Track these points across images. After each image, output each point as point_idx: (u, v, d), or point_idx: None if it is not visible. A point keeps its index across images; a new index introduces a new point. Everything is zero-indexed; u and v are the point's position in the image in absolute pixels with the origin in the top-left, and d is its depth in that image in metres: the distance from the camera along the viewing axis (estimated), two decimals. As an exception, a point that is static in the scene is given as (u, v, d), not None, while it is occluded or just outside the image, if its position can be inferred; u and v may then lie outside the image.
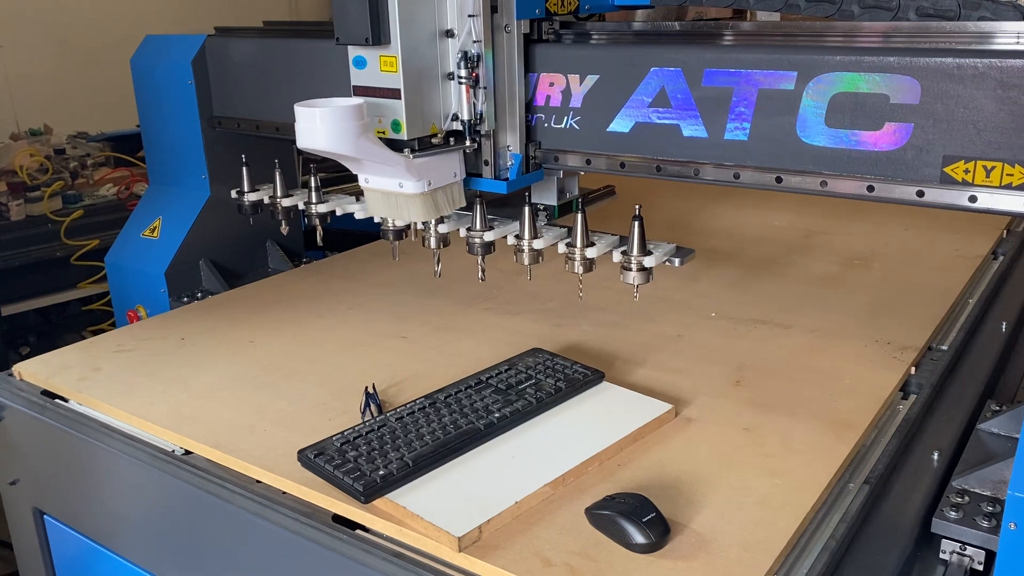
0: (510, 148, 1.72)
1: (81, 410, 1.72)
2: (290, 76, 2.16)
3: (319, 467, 1.38)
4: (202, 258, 2.45)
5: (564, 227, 1.75)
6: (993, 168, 1.39)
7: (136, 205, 2.60)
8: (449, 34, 1.62)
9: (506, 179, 1.73)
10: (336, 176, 3.60)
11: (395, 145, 1.60)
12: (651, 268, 1.66)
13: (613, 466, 1.42)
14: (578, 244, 1.68)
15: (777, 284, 2.20)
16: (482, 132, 1.68)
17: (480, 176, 1.74)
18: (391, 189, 1.66)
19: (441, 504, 1.29)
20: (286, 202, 2.12)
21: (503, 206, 1.86)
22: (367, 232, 2.50)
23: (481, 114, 1.66)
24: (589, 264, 1.70)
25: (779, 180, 1.58)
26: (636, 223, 1.64)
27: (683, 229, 2.67)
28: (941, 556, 1.38)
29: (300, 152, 2.87)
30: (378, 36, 1.54)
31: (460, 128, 1.67)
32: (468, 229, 1.78)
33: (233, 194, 2.20)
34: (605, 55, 1.70)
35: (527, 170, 1.76)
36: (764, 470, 1.40)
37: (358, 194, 2.09)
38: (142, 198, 2.61)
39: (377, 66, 1.59)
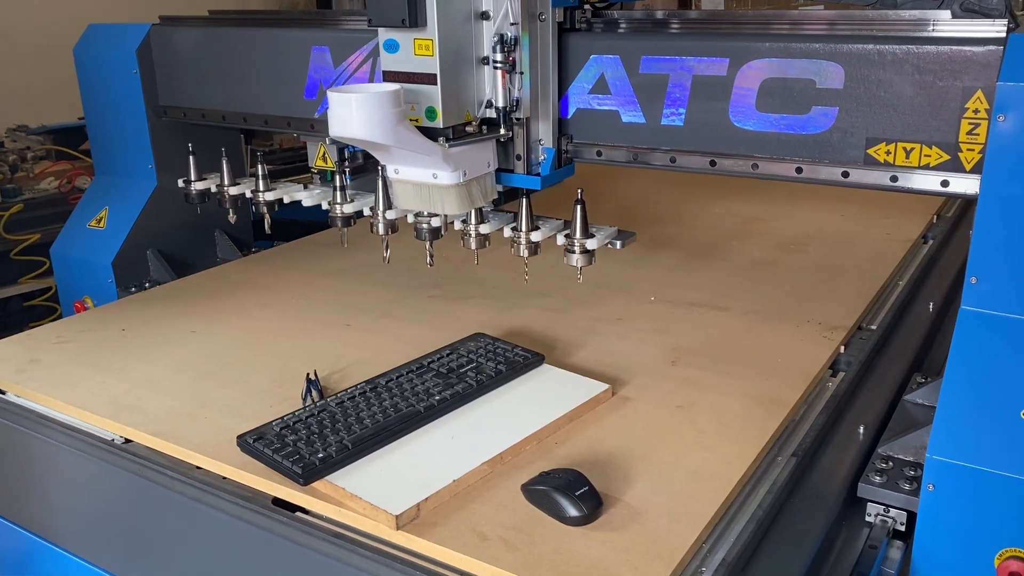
0: (542, 142, 1.68)
1: (19, 402, 1.70)
2: (237, 65, 2.16)
3: (258, 451, 1.38)
4: (150, 248, 2.43)
5: (510, 212, 1.77)
6: (912, 149, 1.45)
7: (80, 197, 2.57)
8: (484, 16, 1.55)
9: (538, 174, 1.68)
10: (284, 168, 3.59)
11: (429, 133, 1.53)
12: (594, 251, 1.69)
13: (550, 444, 1.45)
14: (523, 228, 1.71)
15: (715, 269, 2.25)
16: (516, 120, 1.62)
17: (512, 171, 1.69)
18: (424, 180, 1.59)
19: (380, 484, 1.31)
20: (233, 190, 2.11)
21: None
22: (316, 221, 2.50)
23: (517, 101, 1.60)
24: (534, 248, 1.72)
25: (713, 164, 1.62)
26: (578, 207, 1.67)
27: (627, 216, 2.71)
28: (867, 519, 1.44)
29: (248, 141, 2.86)
30: (415, 18, 1.47)
31: (494, 116, 1.60)
32: (416, 215, 1.79)
33: (180, 183, 2.18)
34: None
35: (559, 164, 1.72)
36: (696, 445, 1.44)
37: (306, 182, 2.10)
38: (88, 188, 2.58)
39: (411, 50, 1.51)
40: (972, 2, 1.52)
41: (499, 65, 1.56)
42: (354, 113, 1.40)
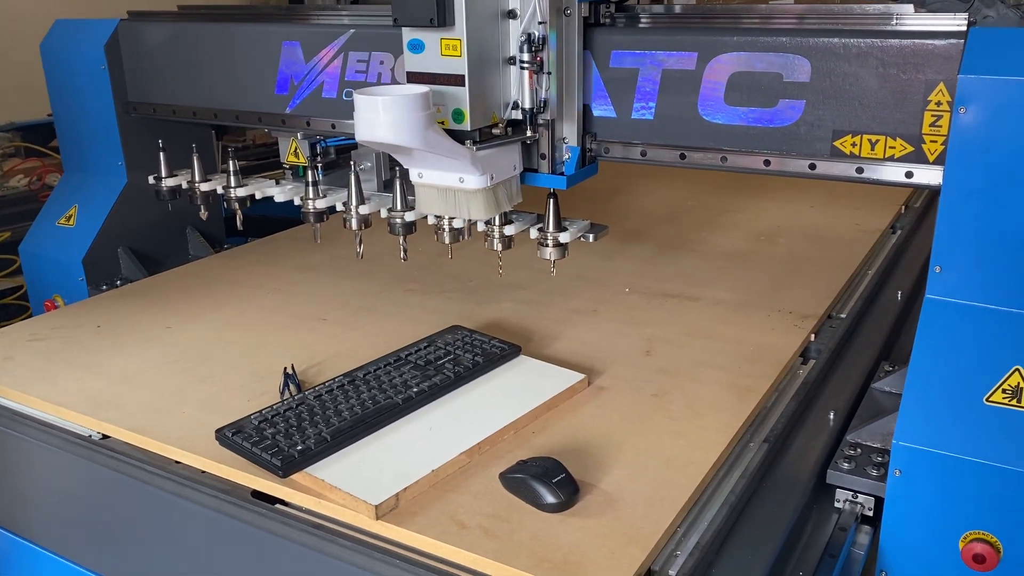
0: (566, 140, 1.65)
1: (-7, 400, 1.69)
2: (207, 60, 2.15)
3: (237, 445, 1.39)
4: (121, 246, 2.41)
5: None
6: (877, 141, 1.48)
7: (50, 195, 2.55)
8: (511, 15, 1.52)
9: (562, 173, 1.65)
10: (258, 164, 3.57)
11: (455, 136, 1.49)
12: (567, 244, 1.70)
13: (528, 434, 1.47)
14: (496, 222, 1.71)
15: (688, 260, 2.28)
16: (542, 122, 1.59)
17: (536, 171, 1.66)
18: (450, 185, 1.55)
19: (359, 475, 1.32)
20: (204, 187, 2.10)
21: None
22: (288, 218, 2.50)
23: (544, 102, 1.57)
24: (507, 241, 1.73)
25: (683, 157, 1.65)
26: (551, 200, 1.68)
27: (600, 210, 2.73)
28: (836, 505, 1.47)
29: (219, 137, 2.84)
30: (443, 17, 1.42)
31: (520, 117, 1.57)
32: (389, 210, 1.79)
33: (151, 180, 2.17)
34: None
35: (583, 163, 1.68)
36: (670, 432, 1.47)
37: (278, 178, 2.10)
38: (57, 186, 2.55)
39: (437, 50, 1.47)
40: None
41: (526, 65, 1.53)
42: (381, 116, 1.36)
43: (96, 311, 2.03)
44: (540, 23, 1.52)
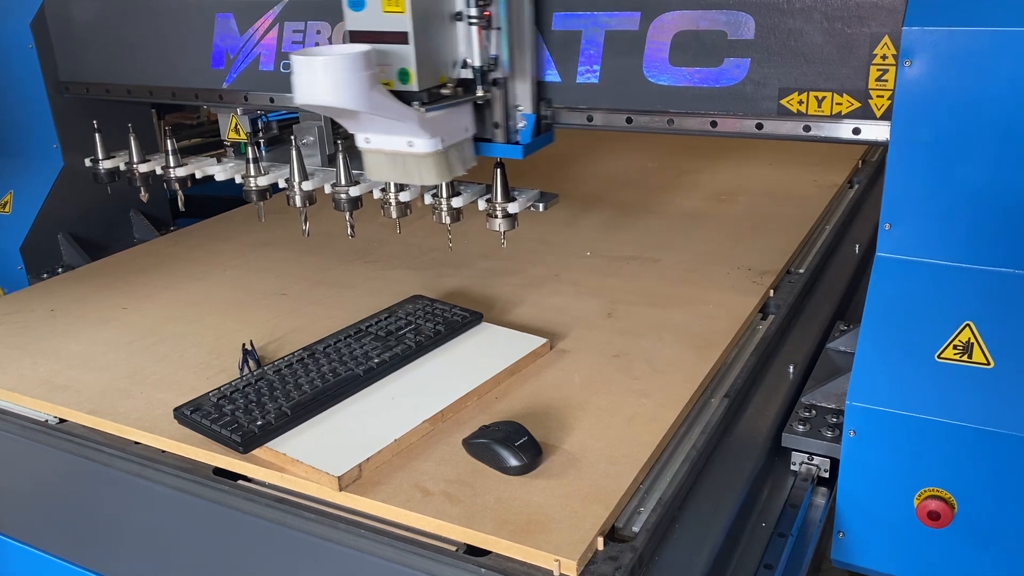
0: (520, 108, 1.60)
1: (-55, 389, 1.66)
2: (139, 35, 2.08)
3: (196, 423, 1.38)
4: (61, 232, 2.35)
5: None
6: (824, 98, 1.48)
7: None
8: None
9: (518, 142, 1.60)
10: (213, 140, 3.50)
11: (402, 98, 1.43)
12: (516, 214, 1.69)
13: (491, 399, 1.48)
14: (444, 195, 1.69)
15: (648, 222, 2.29)
16: (493, 79, 1.53)
17: (491, 141, 1.61)
18: (398, 149, 1.49)
19: (321, 448, 1.32)
20: (143, 168, 2.04)
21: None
22: (237, 197, 2.45)
23: (495, 59, 1.51)
24: (456, 214, 1.71)
25: (629, 120, 1.63)
26: (498, 170, 1.65)
27: (559, 177, 2.73)
28: (792, 468, 1.49)
29: (161, 116, 2.77)
30: None
31: (470, 76, 1.51)
32: (333, 185, 1.76)
33: (88, 162, 2.10)
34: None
35: (539, 131, 1.63)
36: (632, 391, 1.48)
37: (219, 156, 2.05)
38: None
39: (379, 6, 1.40)
40: None
41: (474, 20, 1.46)
42: (321, 77, 1.29)
43: (50, 295, 1.99)
44: None
